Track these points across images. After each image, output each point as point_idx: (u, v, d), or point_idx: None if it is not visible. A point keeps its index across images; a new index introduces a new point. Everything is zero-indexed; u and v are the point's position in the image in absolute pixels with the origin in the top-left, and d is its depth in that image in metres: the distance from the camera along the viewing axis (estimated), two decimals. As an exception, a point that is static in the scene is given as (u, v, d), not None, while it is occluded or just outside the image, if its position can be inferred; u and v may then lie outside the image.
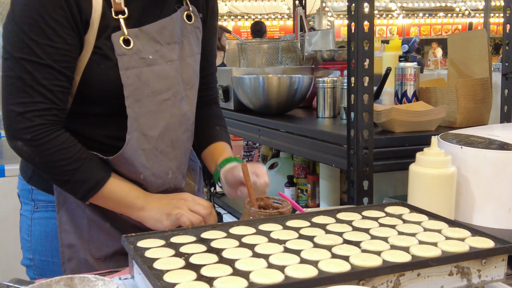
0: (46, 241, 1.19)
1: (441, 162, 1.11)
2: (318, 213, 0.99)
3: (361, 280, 0.74)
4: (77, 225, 1.15)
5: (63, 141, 1.06)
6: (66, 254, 1.15)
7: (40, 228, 1.20)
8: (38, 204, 1.20)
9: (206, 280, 0.71)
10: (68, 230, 1.15)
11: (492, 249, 0.81)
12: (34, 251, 1.20)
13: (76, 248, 1.15)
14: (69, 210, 1.15)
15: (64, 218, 1.15)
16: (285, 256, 0.78)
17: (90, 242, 1.15)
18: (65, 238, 1.15)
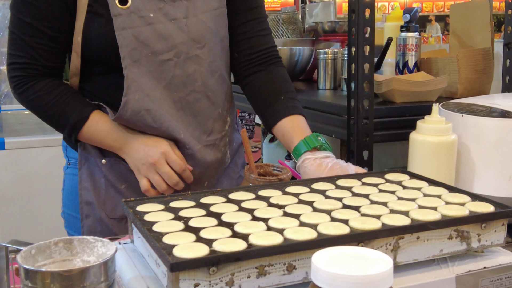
0: (72, 196, 1.23)
1: (442, 130, 1.10)
2: (317, 180, 0.99)
3: (360, 243, 0.74)
4: (95, 184, 1.18)
5: (39, 89, 1.12)
6: (84, 210, 1.19)
7: (69, 183, 1.25)
8: (70, 161, 1.25)
9: (205, 242, 0.70)
10: (87, 188, 1.18)
11: (492, 213, 0.81)
12: (64, 205, 1.27)
13: (93, 206, 1.18)
14: (90, 169, 1.18)
15: (84, 176, 1.18)
16: (284, 220, 0.78)
17: (106, 202, 1.18)
18: (84, 195, 1.18)
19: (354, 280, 0.58)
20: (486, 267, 0.78)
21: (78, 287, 0.62)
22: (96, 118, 1.14)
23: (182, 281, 0.65)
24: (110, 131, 1.13)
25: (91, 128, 1.13)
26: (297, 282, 0.71)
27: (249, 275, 0.68)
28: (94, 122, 1.13)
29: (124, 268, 0.80)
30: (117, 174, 1.18)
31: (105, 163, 1.18)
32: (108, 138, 1.14)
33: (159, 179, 1.11)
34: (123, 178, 1.18)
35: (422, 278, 0.75)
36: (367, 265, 0.61)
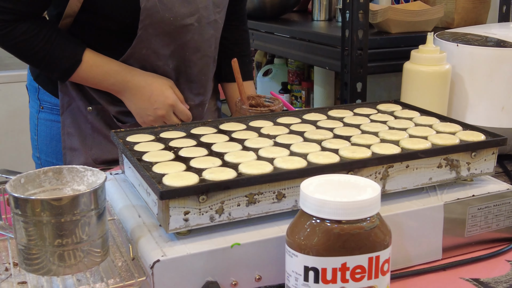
0: (51, 143, 1.21)
1: (436, 59, 1.09)
2: (309, 111, 0.98)
3: (350, 171, 0.74)
4: (80, 129, 1.16)
5: (23, 32, 1.05)
6: (68, 156, 1.17)
7: (45, 130, 1.21)
8: (43, 105, 1.21)
9: (195, 171, 0.71)
10: (72, 133, 1.16)
11: (482, 142, 0.81)
12: (41, 151, 1.23)
13: (78, 152, 1.16)
14: (73, 114, 1.15)
15: (67, 121, 1.16)
16: (274, 150, 0.78)
17: (93, 147, 1.16)
18: (68, 141, 1.16)
19: (341, 206, 0.59)
20: (475, 195, 0.79)
21: (68, 215, 0.62)
22: (90, 61, 1.09)
23: (172, 209, 0.65)
24: (106, 75, 1.10)
25: (85, 72, 1.09)
26: (286, 210, 0.72)
27: (238, 203, 0.69)
28: (88, 66, 1.09)
29: (116, 197, 0.80)
30: (104, 121, 1.16)
31: (91, 110, 1.15)
32: (105, 82, 1.10)
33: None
34: (110, 124, 1.17)
35: (410, 206, 0.76)
36: (355, 192, 0.61)
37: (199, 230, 0.69)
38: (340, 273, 0.60)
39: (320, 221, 0.60)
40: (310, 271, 0.60)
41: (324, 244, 0.59)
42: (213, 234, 0.69)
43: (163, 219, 0.67)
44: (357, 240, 0.60)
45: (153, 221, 0.72)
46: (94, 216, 0.64)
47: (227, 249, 0.66)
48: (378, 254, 0.61)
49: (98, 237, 0.65)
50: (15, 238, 0.64)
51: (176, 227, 0.66)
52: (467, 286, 0.73)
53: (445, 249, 0.79)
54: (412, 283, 0.74)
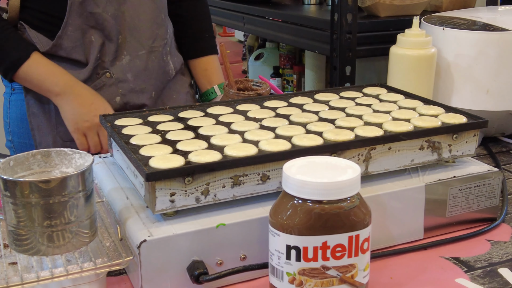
0: (22, 123, 1.22)
1: (422, 43, 1.10)
2: (296, 94, 1.00)
3: (333, 153, 0.75)
4: (44, 108, 1.17)
5: None
6: (36, 137, 1.19)
7: (16, 110, 1.22)
8: (14, 86, 1.22)
9: (181, 154, 0.72)
10: (36, 113, 1.17)
11: (464, 124, 0.83)
12: (13, 133, 1.24)
13: (45, 131, 1.18)
14: (36, 93, 1.16)
15: (31, 102, 1.17)
16: (260, 132, 0.80)
17: (58, 125, 1.17)
18: (34, 121, 1.17)
19: (322, 186, 0.61)
20: (456, 176, 0.81)
21: (56, 196, 0.64)
22: (38, 59, 1.11)
23: (159, 191, 0.67)
24: (51, 75, 1.11)
25: (31, 68, 1.10)
26: (271, 191, 0.74)
27: (224, 185, 0.70)
28: (35, 62, 1.10)
29: (104, 180, 0.82)
30: None
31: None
32: (48, 81, 1.11)
33: (85, 142, 1.14)
34: None
35: (392, 187, 0.78)
36: (335, 173, 0.63)
37: (185, 211, 0.70)
38: (321, 251, 0.62)
39: (301, 202, 0.62)
40: (292, 250, 0.62)
41: (305, 223, 0.61)
42: (199, 215, 0.70)
43: (149, 200, 0.68)
44: (337, 220, 0.61)
45: (140, 203, 0.74)
46: (82, 197, 0.66)
47: (213, 230, 0.68)
48: (358, 233, 0.63)
49: (86, 218, 0.67)
50: (5, 220, 0.66)
51: (162, 208, 0.68)
52: (447, 264, 0.76)
53: (426, 229, 0.81)
54: (394, 261, 0.76)
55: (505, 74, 1.12)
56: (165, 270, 0.67)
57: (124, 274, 0.74)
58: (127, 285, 0.72)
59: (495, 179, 0.83)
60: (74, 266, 0.64)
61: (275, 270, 0.64)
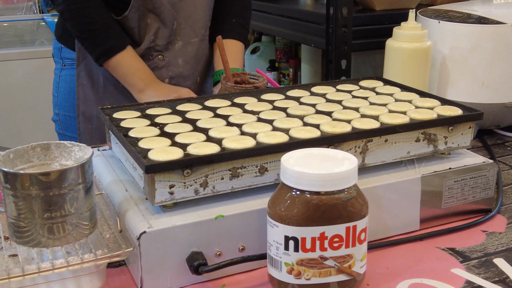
0: (69, 97, 1.27)
1: (417, 36, 1.11)
2: (293, 87, 1.00)
3: (330, 145, 0.76)
4: (93, 80, 1.22)
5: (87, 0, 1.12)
6: (81, 107, 1.24)
7: (65, 85, 1.28)
8: (65, 62, 1.28)
9: (180, 146, 0.73)
10: (85, 84, 1.22)
11: (459, 116, 0.84)
12: (60, 107, 1.30)
13: (90, 103, 1.23)
14: (87, 66, 1.22)
15: (82, 73, 1.22)
16: (257, 125, 0.80)
17: (104, 99, 1.23)
18: (81, 92, 1.23)
19: (320, 178, 0.61)
20: (451, 168, 0.82)
21: (56, 189, 0.64)
22: (131, 53, 1.17)
23: (158, 183, 0.68)
24: (140, 70, 1.17)
25: (125, 58, 1.15)
26: (268, 183, 0.74)
27: (222, 177, 0.71)
28: (128, 55, 1.16)
29: (103, 172, 0.82)
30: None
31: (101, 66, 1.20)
32: (136, 75, 1.16)
33: None
34: None
35: (389, 179, 0.79)
36: (333, 165, 0.63)
37: (184, 203, 0.71)
38: (318, 242, 0.63)
39: (299, 193, 0.63)
40: (290, 241, 0.63)
41: (303, 214, 0.62)
42: (198, 206, 0.71)
43: (149, 192, 0.69)
44: (335, 211, 0.62)
45: (139, 195, 0.74)
46: (81, 190, 0.66)
47: (211, 221, 0.69)
48: (355, 224, 0.63)
49: (86, 210, 0.67)
50: (6, 212, 0.66)
51: (161, 200, 0.69)
52: (442, 255, 0.77)
53: (422, 220, 0.82)
54: (390, 252, 0.77)
55: (500, 67, 1.12)
56: (164, 261, 0.67)
57: (123, 266, 0.74)
58: (126, 276, 0.72)
59: (490, 171, 0.84)
60: (74, 258, 0.64)
61: (273, 261, 0.65)
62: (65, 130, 1.31)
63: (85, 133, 1.24)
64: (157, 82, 1.19)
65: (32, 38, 2.89)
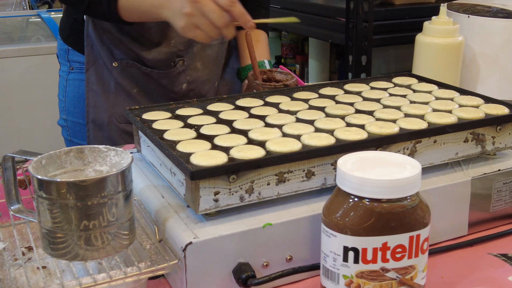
0: (79, 103, 1.20)
1: (450, 31, 1.07)
2: (324, 85, 0.96)
3: (379, 147, 0.72)
4: (104, 86, 1.14)
5: None
6: (90, 114, 1.16)
7: (73, 90, 1.20)
8: (73, 65, 1.20)
9: (222, 150, 0.68)
10: (95, 90, 1.14)
11: (508, 116, 0.80)
12: (68, 112, 1.22)
13: (101, 110, 1.15)
14: (98, 71, 1.14)
15: (92, 78, 1.14)
16: (299, 126, 0.76)
17: (115, 106, 1.15)
18: (91, 98, 1.15)
19: (383, 184, 0.57)
20: (500, 170, 0.78)
21: (94, 197, 0.59)
22: None
23: (203, 189, 0.63)
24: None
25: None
26: (315, 188, 0.70)
27: (268, 182, 0.67)
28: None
29: (134, 177, 0.77)
30: (129, 78, 1.14)
31: (116, 65, 1.13)
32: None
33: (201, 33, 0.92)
34: (135, 82, 1.15)
35: (438, 182, 0.75)
36: (394, 170, 0.59)
37: (228, 211, 0.67)
38: (380, 253, 0.58)
39: (358, 200, 0.58)
40: (350, 251, 0.58)
41: (364, 223, 0.58)
42: (242, 214, 0.67)
43: (192, 200, 0.64)
44: (398, 219, 0.58)
45: (178, 202, 0.70)
46: (121, 198, 0.62)
47: (259, 230, 0.64)
48: (419, 233, 0.59)
49: (126, 219, 0.63)
50: (39, 222, 0.62)
51: (206, 208, 0.64)
52: (496, 262, 0.73)
53: (470, 224, 0.78)
54: (441, 260, 0.73)
55: (533, 63, 1.09)
56: (210, 273, 0.63)
57: (161, 277, 0.70)
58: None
59: (539, 172, 0.81)
60: (116, 272, 0.60)
61: (329, 273, 0.60)
62: (73, 137, 1.24)
63: (95, 141, 1.16)
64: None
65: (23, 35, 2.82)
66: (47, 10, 3.06)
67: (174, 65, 1.15)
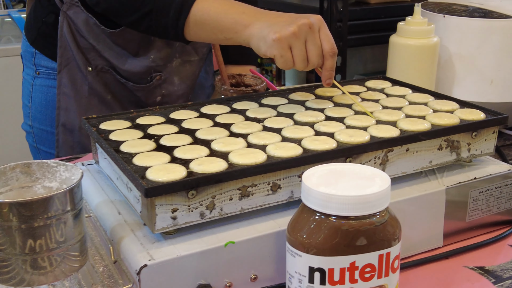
0: (46, 110, 1.14)
1: (424, 32, 1.04)
2: (294, 90, 0.92)
3: (348, 158, 0.68)
4: (77, 90, 1.09)
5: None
6: (61, 117, 1.10)
7: (40, 96, 1.14)
8: (40, 70, 1.13)
9: (181, 163, 0.64)
10: (67, 93, 1.09)
11: (484, 121, 0.76)
12: (34, 119, 1.16)
13: (72, 114, 1.10)
14: (71, 73, 1.08)
15: (64, 80, 1.08)
16: (265, 135, 0.72)
17: (88, 110, 1.09)
18: (63, 101, 1.09)
19: (350, 201, 0.53)
20: (476, 178, 0.75)
21: (40, 217, 0.55)
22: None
23: (159, 207, 0.59)
24: (233, 3, 0.88)
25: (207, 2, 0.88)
26: (281, 202, 0.66)
27: (231, 197, 0.62)
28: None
29: (91, 192, 0.73)
30: (104, 84, 1.09)
31: (91, 70, 1.08)
32: (233, 10, 0.86)
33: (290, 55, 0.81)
34: (110, 88, 1.10)
35: (411, 192, 0.71)
36: (362, 184, 0.55)
37: (188, 228, 0.62)
38: (348, 273, 0.54)
39: (324, 217, 0.55)
40: (316, 272, 0.54)
41: (330, 242, 0.54)
42: (203, 232, 0.62)
43: (148, 218, 0.60)
44: (367, 237, 0.54)
45: (135, 219, 0.65)
46: (70, 217, 0.57)
47: (221, 249, 0.60)
48: (389, 251, 0.56)
49: (76, 240, 0.58)
50: (-19, 246, 0.57)
51: (163, 227, 0.60)
52: (473, 275, 0.69)
53: (446, 235, 0.75)
54: (415, 274, 0.70)
55: (509, 64, 1.06)
56: (168, 297, 0.58)
57: (118, 300, 0.65)
58: (123, 312, 0.63)
59: (516, 179, 0.78)
60: (64, 298, 0.55)
61: (295, 294, 0.56)
62: (40, 144, 1.18)
63: (64, 147, 1.11)
64: (265, 11, 0.89)
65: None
66: (18, 10, 2.98)
67: (151, 80, 1.11)
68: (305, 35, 0.80)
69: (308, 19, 0.81)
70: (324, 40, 0.82)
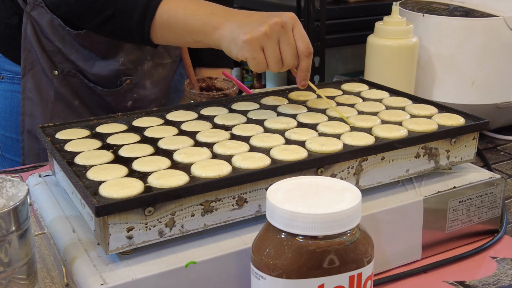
0: (11, 116, 1.08)
1: (403, 32, 1.00)
2: (267, 94, 0.88)
3: (320, 168, 0.64)
4: (42, 94, 1.03)
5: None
6: (26, 124, 1.05)
7: (5, 101, 1.08)
8: (3, 74, 1.07)
9: (138, 177, 0.59)
10: (32, 98, 1.03)
11: (464, 127, 0.73)
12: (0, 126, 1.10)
13: (38, 120, 1.04)
14: (36, 77, 1.02)
15: (29, 85, 1.03)
16: (232, 144, 0.67)
17: (54, 116, 1.04)
18: (27, 106, 1.03)
19: (317, 219, 0.49)
20: (456, 187, 0.71)
21: (-18, 240, 0.50)
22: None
23: (112, 226, 0.54)
24: (201, 4, 0.83)
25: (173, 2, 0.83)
26: (248, 217, 0.62)
27: (193, 213, 0.58)
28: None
29: (46, 206, 0.68)
30: (70, 88, 1.04)
31: (57, 74, 1.03)
32: (201, 11, 0.82)
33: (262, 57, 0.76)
34: (77, 93, 1.05)
35: (387, 203, 0.67)
36: (331, 199, 0.51)
37: (146, 247, 0.58)
38: (316, 297, 0.50)
39: (291, 237, 0.50)
40: (282, 297, 0.50)
41: (297, 263, 0.50)
42: (163, 251, 0.58)
43: (101, 237, 0.55)
44: (336, 258, 0.50)
45: (90, 237, 0.61)
46: (15, 238, 0.52)
47: (181, 270, 0.56)
48: (361, 271, 0.51)
49: (23, 262, 0.54)
50: None
51: (118, 247, 0.55)
52: (452, 291, 0.66)
53: (424, 247, 0.71)
54: (392, 290, 0.66)
55: (491, 65, 1.02)
56: (123, 323, 0.54)
57: (73, 325, 0.61)
58: None
59: (497, 187, 0.74)
60: (7, 329, 0.51)
61: (260, 320, 0.52)
62: (5, 151, 1.13)
63: (30, 154, 1.06)
64: (236, 10, 0.84)
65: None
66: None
67: (121, 84, 1.06)
68: (277, 34, 0.76)
69: (280, 17, 0.77)
70: (299, 39, 0.78)
